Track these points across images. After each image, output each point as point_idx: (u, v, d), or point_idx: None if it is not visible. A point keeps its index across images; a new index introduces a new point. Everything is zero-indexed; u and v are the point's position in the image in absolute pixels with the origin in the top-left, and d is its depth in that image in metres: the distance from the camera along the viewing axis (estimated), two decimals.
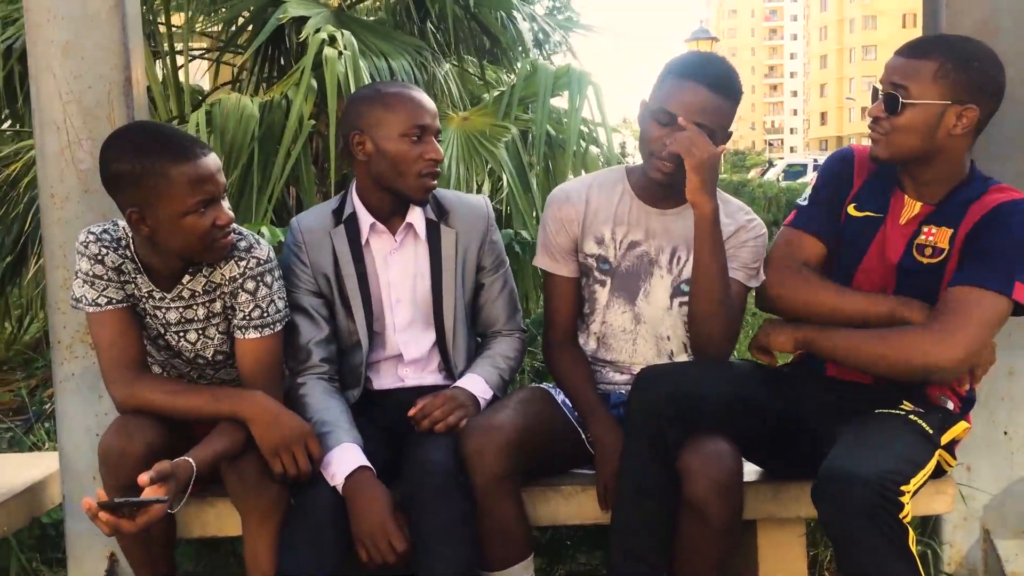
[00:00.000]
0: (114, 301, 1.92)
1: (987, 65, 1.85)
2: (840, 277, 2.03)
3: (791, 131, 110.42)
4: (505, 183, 3.33)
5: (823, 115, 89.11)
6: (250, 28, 4.38)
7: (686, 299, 2.10)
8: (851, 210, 2.04)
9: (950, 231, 1.91)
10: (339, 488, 1.89)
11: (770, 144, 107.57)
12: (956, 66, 1.82)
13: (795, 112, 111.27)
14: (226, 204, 1.87)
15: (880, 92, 1.90)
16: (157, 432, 1.86)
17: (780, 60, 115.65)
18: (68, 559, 2.34)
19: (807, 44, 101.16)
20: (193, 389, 1.94)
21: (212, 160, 1.83)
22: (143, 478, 1.67)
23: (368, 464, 1.91)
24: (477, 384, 2.09)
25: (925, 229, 1.94)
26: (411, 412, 2.00)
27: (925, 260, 1.93)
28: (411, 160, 2.03)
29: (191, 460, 1.78)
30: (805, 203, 2.11)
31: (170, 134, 1.85)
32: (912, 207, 1.97)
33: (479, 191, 3.50)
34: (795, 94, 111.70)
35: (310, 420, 1.99)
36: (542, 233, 2.23)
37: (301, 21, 3.64)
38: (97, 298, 1.90)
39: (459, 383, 2.09)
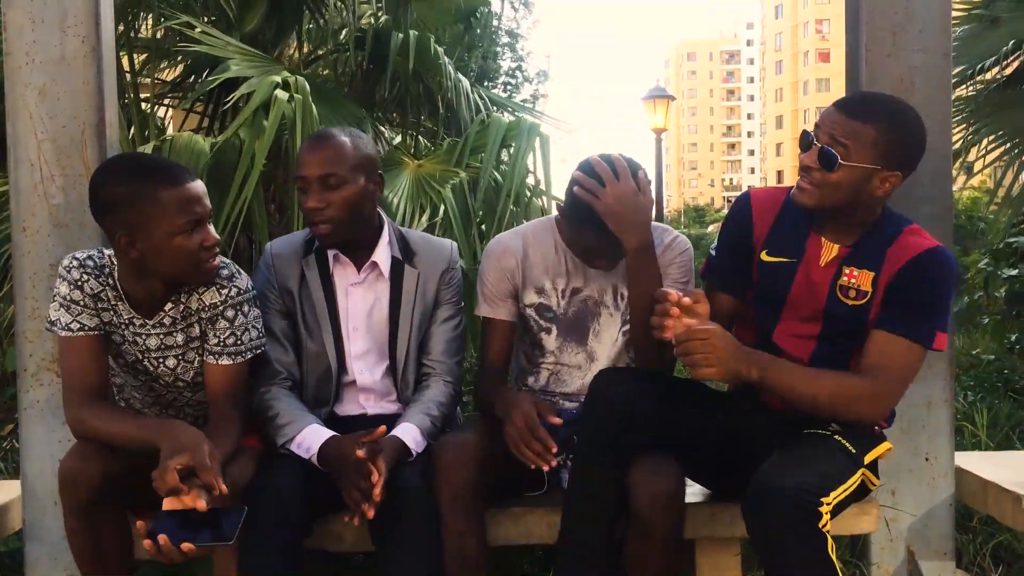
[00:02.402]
0: (86, 328, 1.99)
1: (917, 133, 1.95)
2: (767, 322, 2.13)
3: (748, 188, 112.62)
4: (442, 213, 3.48)
5: (779, 173, 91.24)
6: (194, 76, 4.51)
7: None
8: (763, 256, 2.12)
9: (872, 274, 2.00)
10: (315, 459, 2.02)
11: (728, 200, 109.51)
12: (894, 136, 1.90)
13: (752, 170, 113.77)
14: (212, 228, 1.98)
15: (815, 141, 1.96)
16: (114, 457, 1.91)
17: (738, 120, 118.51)
18: None
19: (763, 105, 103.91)
20: (128, 417, 1.98)
21: (199, 185, 1.95)
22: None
23: (337, 434, 2.05)
24: (411, 433, 2.12)
25: (847, 271, 2.02)
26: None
27: (850, 302, 2.02)
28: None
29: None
30: (713, 253, 2.24)
31: (158, 161, 1.98)
32: (830, 249, 2.05)
33: (420, 223, 3.64)
34: (752, 153, 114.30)
35: (274, 417, 2.11)
36: (481, 284, 2.31)
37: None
38: (71, 323, 1.98)
39: (396, 432, 2.11)
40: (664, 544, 1.95)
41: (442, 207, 3.58)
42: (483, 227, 3.76)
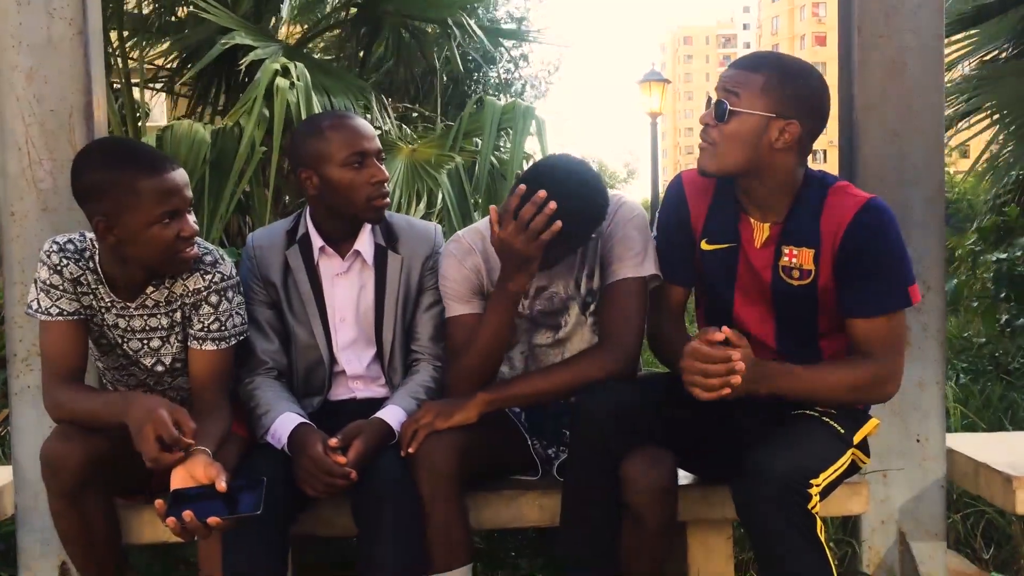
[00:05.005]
0: (65, 313, 1.99)
1: (811, 82, 1.91)
2: (719, 310, 2.11)
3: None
4: (440, 200, 3.47)
5: None
6: (190, 64, 4.50)
7: (591, 307, 2.21)
8: (704, 245, 2.08)
9: (812, 251, 1.96)
10: (285, 448, 2.03)
11: None
12: (782, 81, 1.89)
13: None
14: (191, 218, 1.96)
15: (713, 100, 1.96)
16: (97, 439, 1.91)
17: None
18: (20, 569, 2.38)
19: None
20: (96, 395, 1.97)
21: (179, 175, 1.93)
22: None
23: (307, 421, 2.06)
24: (396, 416, 2.12)
25: (786, 251, 1.98)
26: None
27: (795, 283, 1.98)
28: (357, 186, 2.14)
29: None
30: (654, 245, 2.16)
31: (140, 148, 1.96)
32: (762, 229, 2.01)
33: (416, 210, 3.63)
34: None
35: (255, 407, 2.12)
36: (447, 284, 2.20)
37: (251, 51, 3.75)
38: (50, 307, 1.98)
39: (380, 414, 2.11)
40: (657, 534, 1.96)
41: (440, 193, 3.57)
42: (476, 212, 3.75)
